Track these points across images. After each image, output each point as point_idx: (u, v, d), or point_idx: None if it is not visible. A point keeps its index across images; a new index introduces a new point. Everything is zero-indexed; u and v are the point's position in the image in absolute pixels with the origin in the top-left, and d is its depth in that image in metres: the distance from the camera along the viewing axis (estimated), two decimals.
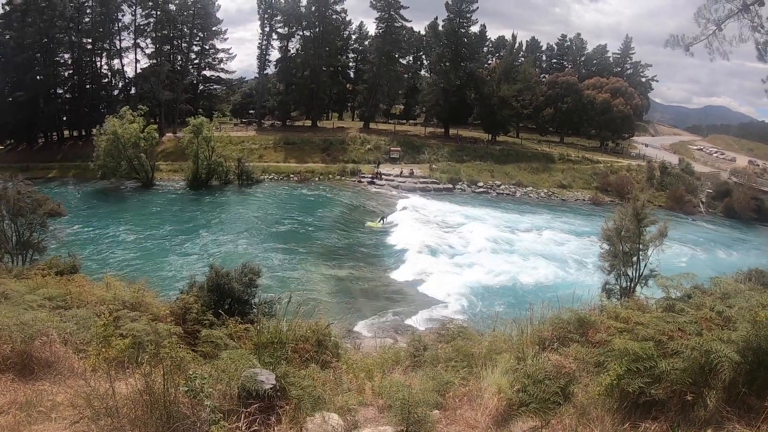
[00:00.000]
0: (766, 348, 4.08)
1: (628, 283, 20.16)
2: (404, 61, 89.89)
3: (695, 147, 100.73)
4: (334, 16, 79.87)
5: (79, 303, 9.21)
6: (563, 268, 35.88)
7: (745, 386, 4.09)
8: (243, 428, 4.32)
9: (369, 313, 26.18)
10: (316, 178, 62.51)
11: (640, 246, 19.82)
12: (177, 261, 33.13)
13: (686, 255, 41.13)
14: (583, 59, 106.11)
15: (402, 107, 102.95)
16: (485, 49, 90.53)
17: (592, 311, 6.41)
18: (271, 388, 4.74)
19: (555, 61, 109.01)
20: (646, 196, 24.43)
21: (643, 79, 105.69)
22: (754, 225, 61.69)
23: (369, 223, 43.23)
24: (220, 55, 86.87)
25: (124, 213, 45.97)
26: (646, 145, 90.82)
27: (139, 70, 77.58)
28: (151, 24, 76.42)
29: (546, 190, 66.14)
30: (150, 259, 33.26)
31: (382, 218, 42.71)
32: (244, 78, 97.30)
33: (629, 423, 4.08)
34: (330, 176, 63.25)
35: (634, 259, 20.05)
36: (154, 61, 76.65)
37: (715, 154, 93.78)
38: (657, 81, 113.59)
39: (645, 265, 19.95)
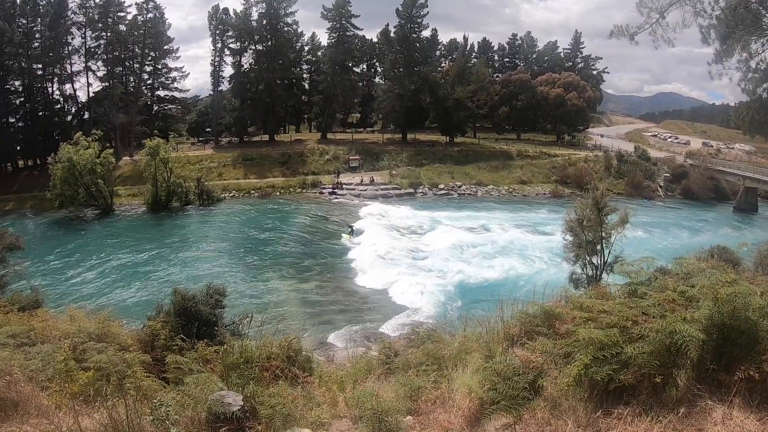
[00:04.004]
0: (729, 324, 4.12)
1: (594, 272, 20.44)
2: (358, 70, 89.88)
3: (650, 134, 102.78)
4: (286, 29, 79.34)
5: (44, 338, 8.96)
6: (530, 262, 36.18)
7: (714, 363, 4.13)
8: None
9: (341, 324, 25.94)
10: (277, 193, 61.88)
11: (603, 234, 20.12)
12: (142, 287, 32.33)
13: (650, 239, 41.81)
14: (534, 57, 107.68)
15: (358, 115, 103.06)
16: (438, 52, 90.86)
17: (558, 303, 6.43)
18: (238, 410, 4.62)
19: (507, 60, 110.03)
20: (605, 185, 24.86)
21: (595, 72, 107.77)
22: (712, 204, 63.67)
23: (344, 237, 42.84)
24: (173, 74, 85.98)
25: (85, 242, 44.69)
26: (602, 136, 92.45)
27: (91, 94, 75.80)
28: (102, 46, 75.09)
29: (507, 187, 66.63)
30: (114, 287, 32.37)
31: (351, 231, 42.53)
32: (199, 96, 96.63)
33: (602, 410, 4.07)
34: (291, 190, 62.76)
35: (598, 247, 20.34)
36: (107, 83, 75.29)
37: (669, 139, 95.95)
38: (608, 73, 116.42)
39: (609, 253, 20.25)
